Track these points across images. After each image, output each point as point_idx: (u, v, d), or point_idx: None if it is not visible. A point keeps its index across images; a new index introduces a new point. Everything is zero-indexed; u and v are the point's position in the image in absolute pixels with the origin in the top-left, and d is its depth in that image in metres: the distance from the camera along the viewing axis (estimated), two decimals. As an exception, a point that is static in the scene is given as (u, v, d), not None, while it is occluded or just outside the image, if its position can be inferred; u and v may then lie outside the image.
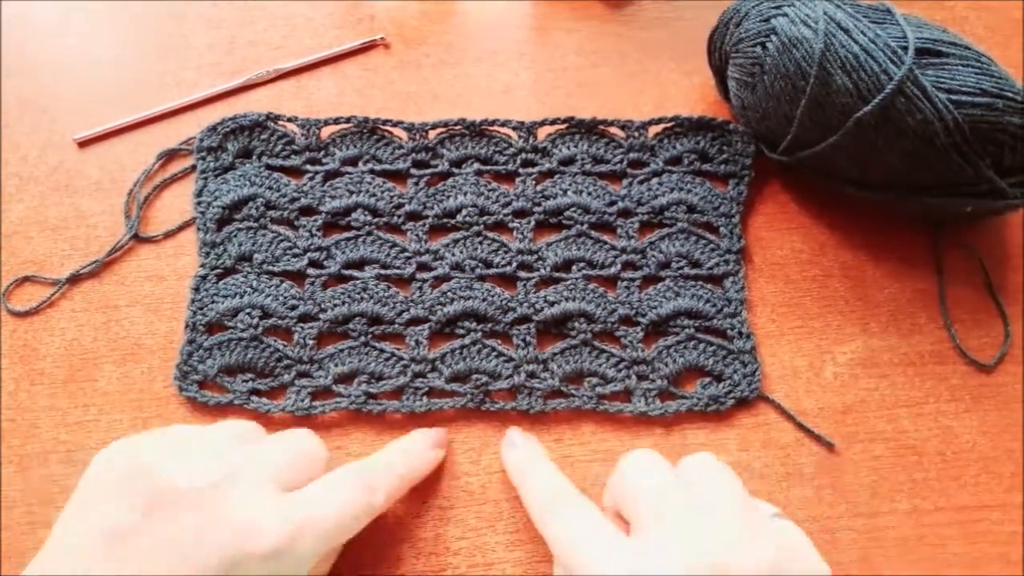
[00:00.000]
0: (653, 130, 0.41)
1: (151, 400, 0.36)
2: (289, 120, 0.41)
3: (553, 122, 0.40)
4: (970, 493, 0.35)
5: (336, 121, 0.40)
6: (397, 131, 0.40)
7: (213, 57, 0.44)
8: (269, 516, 0.27)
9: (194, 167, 0.40)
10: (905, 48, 0.33)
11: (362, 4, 0.46)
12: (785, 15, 0.36)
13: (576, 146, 0.40)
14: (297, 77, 0.44)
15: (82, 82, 0.43)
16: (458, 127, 0.40)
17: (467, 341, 0.36)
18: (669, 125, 0.41)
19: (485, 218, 0.38)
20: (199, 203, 0.39)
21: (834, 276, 0.39)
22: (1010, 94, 0.33)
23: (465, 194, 0.39)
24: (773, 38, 0.36)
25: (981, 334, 0.38)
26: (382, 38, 0.45)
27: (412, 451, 0.33)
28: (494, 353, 0.36)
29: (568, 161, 0.40)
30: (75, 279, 0.38)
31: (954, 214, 0.37)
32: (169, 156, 0.41)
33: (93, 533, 0.26)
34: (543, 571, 0.33)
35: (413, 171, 0.40)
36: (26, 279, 0.38)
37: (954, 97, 0.33)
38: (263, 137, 0.40)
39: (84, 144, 0.42)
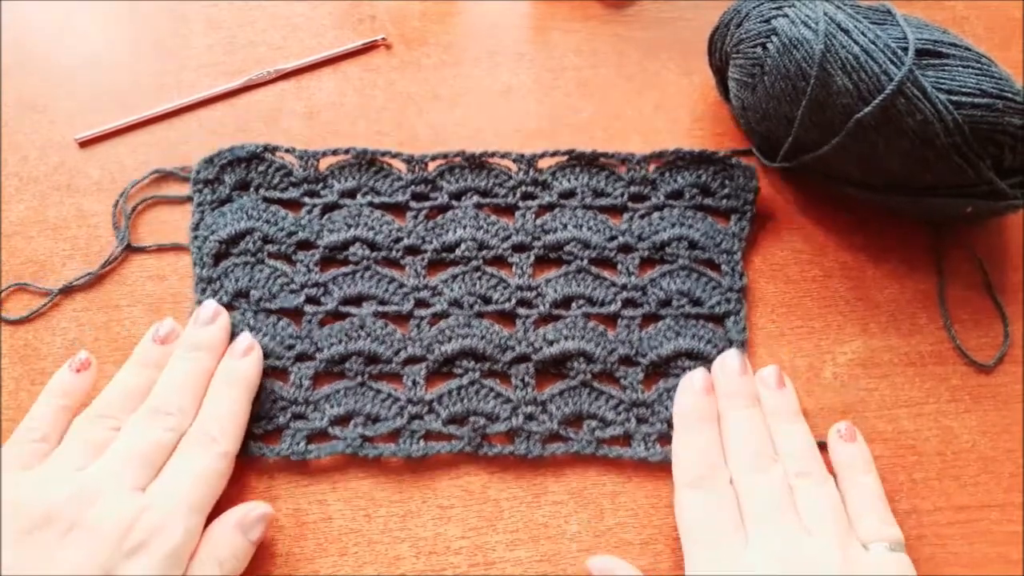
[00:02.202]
0: (655, 163, 0.40)
1: (152, 400, 0.36)
2: (287, 151, 0.40)
3: (554, 154, 0.40)
4: (970, 493, 0.35)
5: (335, 152, 0.39)
6: (396, 163, 0.40)
7: (213, 57, 0.44)
8: (133, 512, 0.30)
9: (190, 198, 0.39)
10: (905, 49, 0.34)
11: (363, 4, 0.46)
12: (786, 16, 0.36)
13: (576, 179, 0.39)
14: (298, 77, 0.44)
15: (82, 82, 0.43)
16: (458, 159, 0.39)
17: (465, 381, 0.35)
18: (671, 159, 0.40)
19: (484, 252, 0.38)
20: (195, 237, 0.38)
21: (834, 276, 0.39)
22: (1010, 95, 0.33)
23: (464, 227, 0.38)
24: (774, 39, 0.36)
25: (981, 334, 0.38)
26: (383, 38, 0.45)
27: (226, 380, 0.34)
28: (492, 393, 0.35)
29: (568, 194, 0.39)
30: (69, 289, 0.38)
31: (954, 215, 0.37)
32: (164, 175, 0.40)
33: None
34: (543, 571, 0.33)
35: (412, 204, 0.39)
36: (20, 287, 0.38)
37: (954, 98, 0.33)
38: (260, 169, 0.39)
39: (85, 144, 0.42)
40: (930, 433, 0.36)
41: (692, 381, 0.35)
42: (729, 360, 0.36)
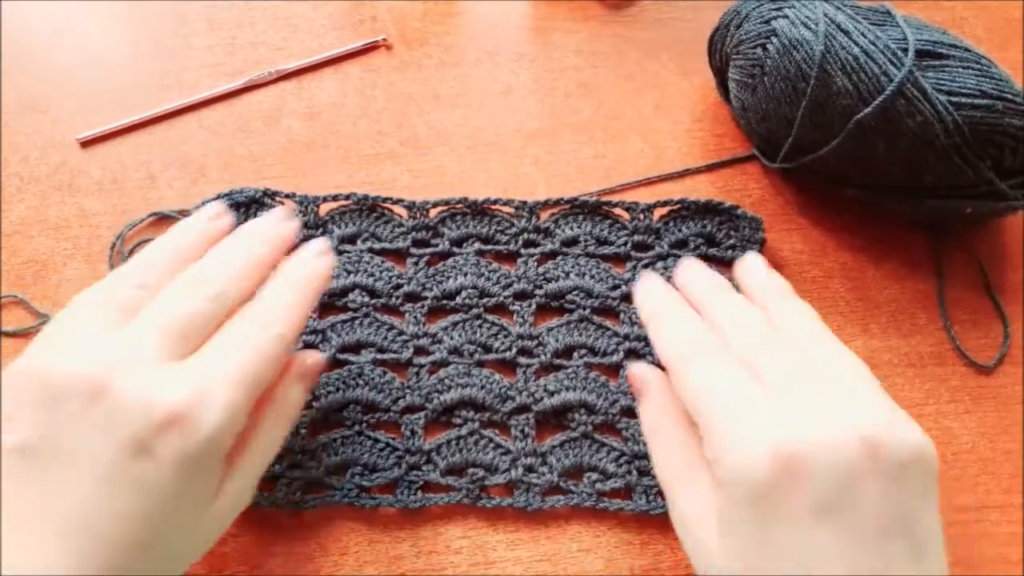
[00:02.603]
0: (659, 212, 0.39)
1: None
2: (287, 196, 0.39)
3: (556, 203, 0.39)
4: (969, 494, 0.35)
5: (335, 198, 0.39)
6: (397, 209, 0.39)
7: (214, 58, 0.44)
8: (166, 384, 0.26)
9: None
10: (905, 50, 0.34)
11: (363, 5, 0.47)
12: (785, 17, 0.36)
13: (579, 227, 0.39)
14: (298, 78, 0.44)
15: (83, 82, 0.43)
16: (459, 205, 0.39)
17: (464, 431, 0.35)
18: (675, 208, 0.39)
19: (485, 300, 0.37)
20: None
21: (834, 277, 0.39)
22: (1010, 96, 0.33)
23: (465, 275, 0.38)
24: (773, 40, 0.36)
25: (980, 335, 0.38)
26: (384, 39, 0.45)
27: (298, 270, 0.31)
28: (491, 444, 0.35)
29: (571, 242, 0.39)
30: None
31: (954, 216, 0.37)
32: (161, 218, 0.39)
33: (3, 453, 0.25)
34: (543, 571, 0.33)
35: (413, 250, 0.38)
36: (17, 301, 0.38)
37: (954, 99, 0.33)
38: (259, 213, 0.38)
39: (86, 144, 0.42)
40: (930, 434, 0.35)
41: (649, 282, 0.33)
42: (688, 261, 0.34)
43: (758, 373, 0.27)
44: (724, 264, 0.38)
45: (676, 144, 0.42)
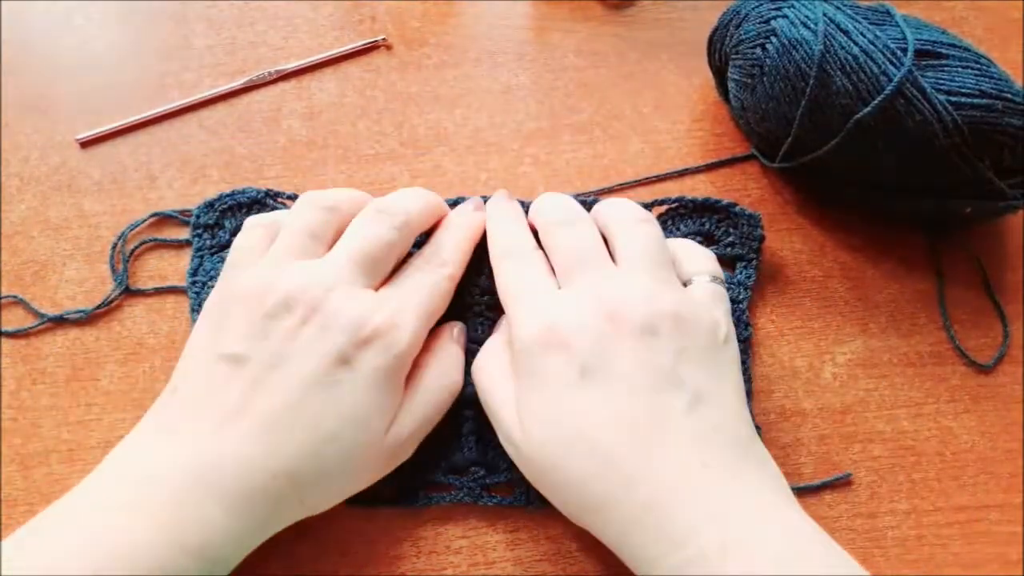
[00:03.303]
0: (657, 211, 0.39)
1: (153, 399, 0.36)
2: (289, 197, 0.39)
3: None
4: (969, 493, 0.35)
5: None
6: None
7: (214, 58, 0.44)
8: (369, 306, 0.30)
9: (189, 242, 0.39)
10: (904, 50, 0.34)
11: (363, 5, 0.47)
12: (785, 17, 0.36)
13: None
14: (298, 78, 0.44)
15: (83, 82, 0.43)
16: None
17: (464, 431, 0.35)
18: (673, 206, 0.39)
19: (487, 298, 0.37)
20: (194, 283, 0.37)
21: (834, 277, 0.39)
22: (1009, 95, 0.33)
23: (467, 272, 0.37)
24: (773, 40, 0.36)
25: (980, 335, 0.38)
26: (383, 39, 0.45)
27: (459, 220, 0.36)
28: (492, 443, 0.34)
29: None
30: (61, 320, 0.38)
31: (954, 216, 0.37)
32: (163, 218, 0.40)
33: (211, 361, 0.30)
34: (543, 571, 0.33)
35: (414, 250, 0.37)
36: (17, 301, 0.38)
37: (953, 99, 0.33)
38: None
39: (86, 144, 0.42)
40: (929, 433, 0.36)
41: (497, 197, 0.37)
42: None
43: (552, 258, 0.33)
44: (724, 262, 0.38)
45: (676, 144, 0.42)
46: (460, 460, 0.34)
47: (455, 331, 0.35)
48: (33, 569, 0.25)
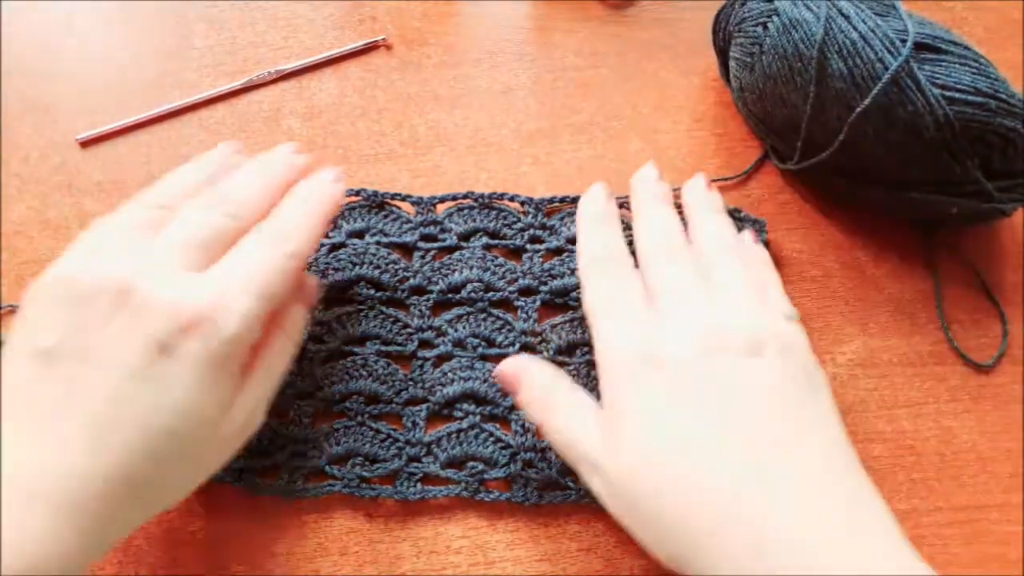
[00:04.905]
0: None
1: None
2: None
3: (562, 200, 0.39)
4: (969, 493, 0.35)
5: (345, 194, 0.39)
6: (404, 205, 0.39)
7: (214, 58, 0.44)
8: (189, 288, 0.28)
9: None
10: (904, 40, 0.34)
11: (363, 5, 0.47)
12: (788, -5, 0.36)
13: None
14: (299, 78, 0.44)
15: (83, 83, 0.43)
16: (467, 200, 0.39)
17: (464, 425, 0.35)
18: (677, 210, 0.38)
19: (490, 294, 0.37)
20: None
21: (834, 277, 0.39)
22: (1004, 96, 0.33)
23: (471, 268, 0.38)
24: (775, 18, 0.36)
25: (980, 334, 0.38)
26: (383, 39, 0.45)
27: (311, 192, 0.33)
28: (492, 438, 0.35)
29: (575, 240, 0.38)
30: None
31: (941, 214, 0.37)
32: None
33: (22, 360, 0.27)
34: (543, 571, 0.33)
35: (421, 244, 0.38)
36: (11, 310, 0.37)
37: (948, 93, 0.33)
38: None
39: (86, 144, 0.42)
40: (929, 433, 0.36)
41: (594, 193, 0.36)
42: (645, 170, 0.36)
43: (648, 282, 0.32)
44: None
45: (676, 144, 0.42)
46: (459, 454, 0.35)
47: (308, 286, 0.33)
48: None
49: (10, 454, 0.25)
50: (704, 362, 0.28)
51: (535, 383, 0.31)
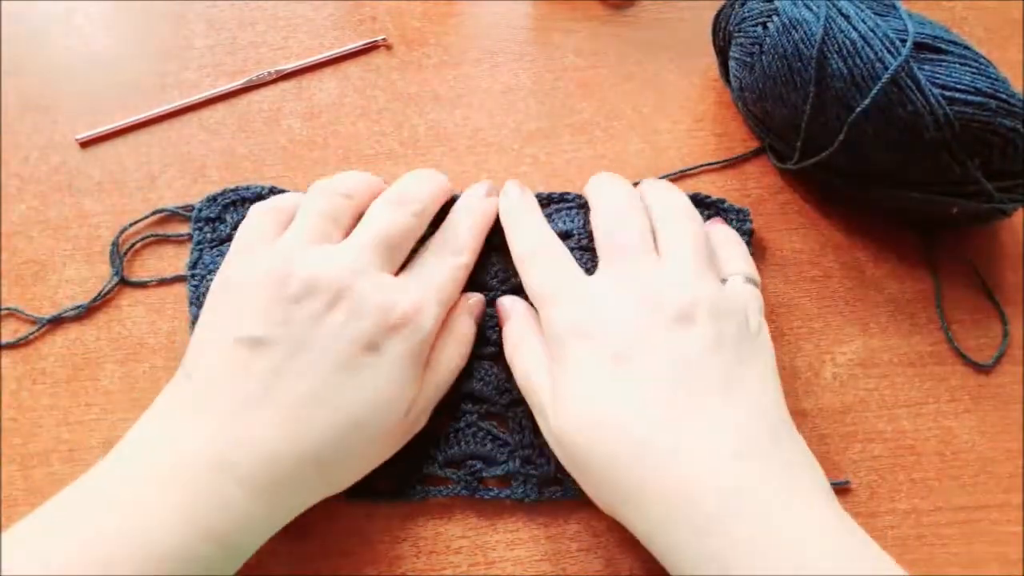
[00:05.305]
0: None
1: (153, 399, 0.36)
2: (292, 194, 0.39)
3: (548, 197, 0.39)
4: (969, 493, 0.35)
5: None
6: None
7: (214, 58, 0.44)
8: (396, 293, 0.31)
9: (190, 236, 0.39)
10: (904, 40, 0.34)
11: (363, 5, 0.47)
12: (788, -5, 0.36)
13: (572, 221, 0.38)
14: (299, 78, 0.44)
15: (83, 83, 0.43)
16: (454, 202, 0.38)
17: (462, 424, 0.35)
18: None
19: (486, 294, 0.37)
20: (193, 275, 0.37)
21: (834, 277, 0.39)
22: (1005, 96, 0.33)
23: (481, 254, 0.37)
24: (775, 18, 0.36)
25: (980, 335, 0.38)
26: (383, 39, 0.45)
27: (474, 207, 0.36)
28: (489, 436, 0.35)
29: (565, 236, 0.38)
30: (58, 320, 0.38)
31: (941, 214, 0.37)
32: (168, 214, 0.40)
33: (227, 345, 0.29)
34: (543, 571, 0.33)
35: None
36: (10, 313, 0.37)
37: (948, 93, 0.33)
38: None
39: (86, 144, 0.42)
40: (929, 433, 0.36)
41: (507, 190, 0.37)
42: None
43: (599, 251, 0.33)
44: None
45: (676, 144, 0.43)
46: (457, 453, 0.35)
47: (472, 301, 0.35)
48: (49, 554, 0.24)
49: (214, 430, 0.28)
50: (634, 329, 0.29)
51: (516, 324, 0.34)
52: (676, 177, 0.41)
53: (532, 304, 0.34)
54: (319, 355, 0.29)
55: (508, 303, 0.35)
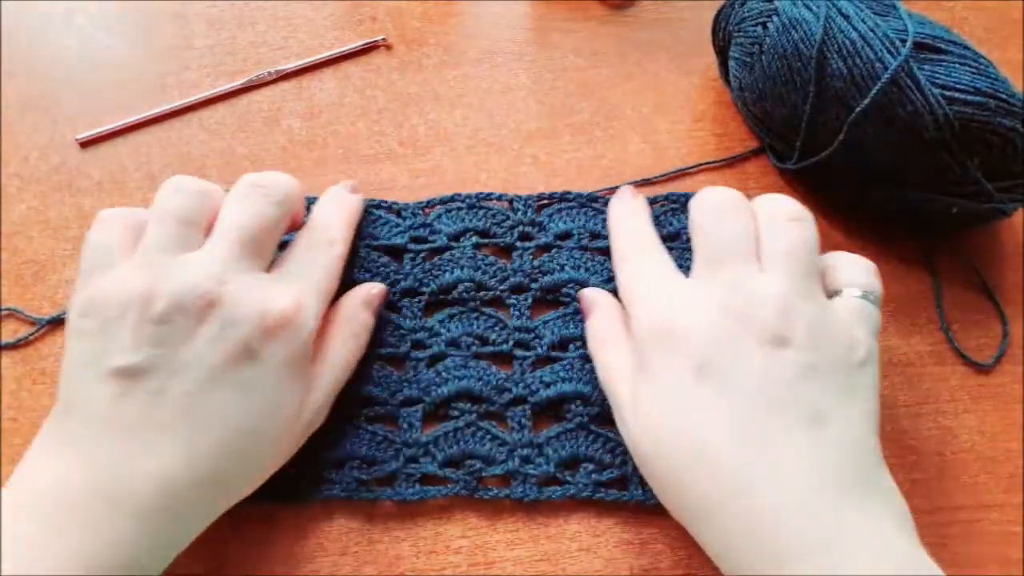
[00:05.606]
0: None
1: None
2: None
3: (550, 197, 0.39)
4: (969, 493, 0.35)
5: None
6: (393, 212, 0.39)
7: (214, 58, 0.44)
8: (270, 292, 0.29)
9: None
10: (904, 40, 0.34)
11: (363, 5, 0.47)
12: (788, -5, 0.36)
13: (573, 220, 0.39)
14: (299, 78, 0.44)
15: (83, 83, 0.43)
16: (454, 203, 0.39)
17: (461, 424, 0.35)
18: (662, 201, 0.39)
19: (482, 293, 0.37)
20: None
21: (834, 276, 0.39)
22: (1005, 96, 0.33)
23: (462, 268, 0.37)
24: (774, 18, 0.36)
25: (980, 335, 0.38)
26: (383, 39, 0.45)
27: (341, 198, 0.36)
28: (488, 436, 0.35)
29: (564, 236, 0.39)
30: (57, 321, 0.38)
31: (941, 214, 0.37)
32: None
33: (100, 379, 0.27)
34: (543, 571, 0.33)
35: (411, 246, 0.38)
36: (10, 314, 0.37)
37: (947, 93, 0.33)
38: None
39: (86, 144, 0.42)
40: (929, 433, 0.36)
41: (621, 192, 0.37)
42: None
43: (695, 251, 0.32)
44: None
45: (676, 144, 0.43)
46: (456, 453, 0.35)
47: (374, 292, 0.35)
48: None
49: (102, 466, 0.26)
50: (719, 342, 0.28)
51: (601, 318, 0.34)
52: (675, 177, 0.41)
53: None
54: (197, 372, 0.27)
55: (592, 295, 0.35)
